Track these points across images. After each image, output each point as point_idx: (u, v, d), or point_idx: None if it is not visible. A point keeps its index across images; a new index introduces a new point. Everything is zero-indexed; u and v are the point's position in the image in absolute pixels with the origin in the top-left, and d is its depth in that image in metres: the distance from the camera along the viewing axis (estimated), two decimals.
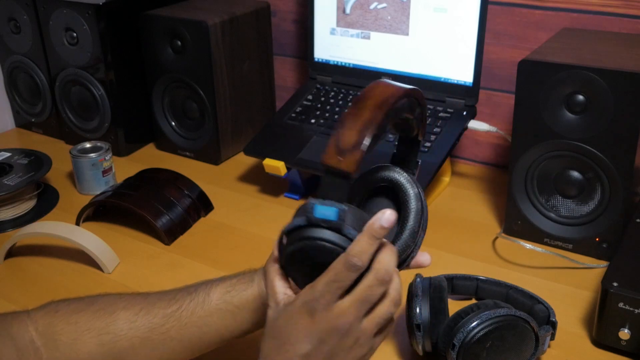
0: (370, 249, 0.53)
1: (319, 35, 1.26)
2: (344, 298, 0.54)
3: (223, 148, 1.31)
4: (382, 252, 0.55)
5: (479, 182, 1.22)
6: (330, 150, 0.55)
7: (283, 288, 0.58)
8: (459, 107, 1.13)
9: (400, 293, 0.57)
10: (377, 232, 0.53)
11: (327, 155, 0.55)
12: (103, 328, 0.66)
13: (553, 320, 0.76)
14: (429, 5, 1.12)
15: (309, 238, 0.55)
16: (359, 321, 0.55)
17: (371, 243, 0.53)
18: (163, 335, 0.67)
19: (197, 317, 0.67)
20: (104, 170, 1.19)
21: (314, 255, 0.55)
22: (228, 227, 1.09)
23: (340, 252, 0.54)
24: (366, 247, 0.53)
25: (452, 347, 0.70)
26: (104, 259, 0.97)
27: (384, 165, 0.67)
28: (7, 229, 1.10)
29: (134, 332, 0.66)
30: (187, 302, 0.68)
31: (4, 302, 0.91)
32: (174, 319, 0.67)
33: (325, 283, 0.54)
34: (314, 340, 0.55)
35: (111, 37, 1.27)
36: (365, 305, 0.55)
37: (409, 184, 0.65)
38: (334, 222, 0.54)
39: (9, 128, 1.53)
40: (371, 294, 0.54)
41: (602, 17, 1.09)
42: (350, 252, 0.53)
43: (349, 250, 0.53)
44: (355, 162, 0.54)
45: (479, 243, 1.02)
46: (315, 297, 0.54)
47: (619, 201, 0.91)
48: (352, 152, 0.54)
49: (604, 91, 0.87)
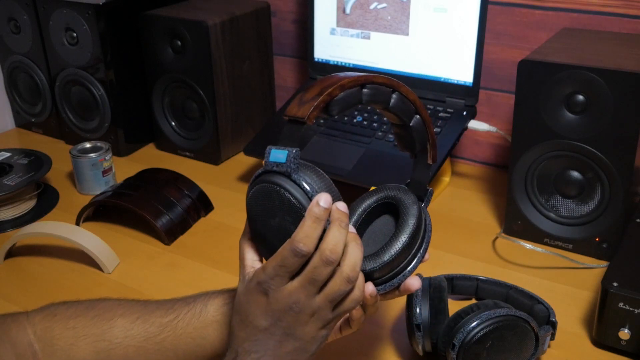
0: (314, 233, 0.54)
1: (319, 35, 1.26)
2: (293, 279, 0.56)
3: (223, 148, 1.31)
4: (329, 231, 0.55)
5: (479, 182, 1.22)
6: (293, 103, 0.58)
7: (251, 261, 0.60)
8: (459, 107, 1.13)
9: (355, 269, 0.57)
10: (318, 214, 0.54)
11: (289, 108, 0.58)
12: (99, 335, 0.66)
13: (553, 320, 0.76)
14: (429, 5, 1.12)
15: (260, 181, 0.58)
16: (311, 298, 0.56)
17: (314, 227, 0.54)
18: (158, 345, 0.66)
19: (193, 328, 0.67)
20: (104, 170, 1.19)
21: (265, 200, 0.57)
22: (228, 227, 1.09)
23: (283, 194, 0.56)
24: (310, 231, 0.54)
25: (452, 347, 0.70)
26: (104, 259, 0.97)
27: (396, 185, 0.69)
28: (7, 229, 1.10)
29: (129, 341, 0.66)
30: (184, 312, 0.68)
31: (4, 302, 0.91)
32: (170, 329, 0.67)
33: (273, 267, 0.55)
34: (270, 317, 0.57)
35: (111, 37, 1.27)
36: (315, 285, 0.56)
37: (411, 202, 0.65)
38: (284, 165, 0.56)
39: (9, 128, 1.53)
40: (318, 274, 0.55)
41: (602, 17, 1.09)
42: (295, 237, 0.54)
43: (293, 236, 0.54)
44: (309, 109, 0.56)
45: (479, 243, 1.02)
46: (266, 279, 0.56)
47: (619, 201, 0.91)
48: (309, 102, 0.57)
49: (604, 91, 0.87)
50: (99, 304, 0.70)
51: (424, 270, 0.80)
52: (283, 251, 0.55)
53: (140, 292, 0.93)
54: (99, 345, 0.66)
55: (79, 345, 0.65)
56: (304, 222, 0.54)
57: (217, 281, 0.95)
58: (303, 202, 0.56)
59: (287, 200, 0.56)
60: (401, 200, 0.66)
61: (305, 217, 0.54)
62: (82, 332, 0.66)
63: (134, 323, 0.67)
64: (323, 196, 0.55)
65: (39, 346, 0.65)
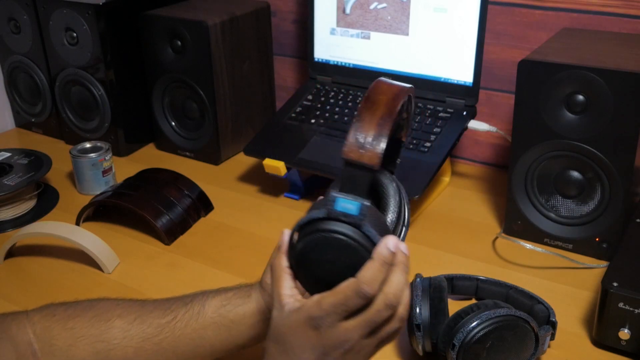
0: (381, 276, 0.53)
1: (319, 35, 1.26)
2: (349, 319, 0.54)
3: (223, 148, 1.31)
4: (393, 274, 0.54)
5: (479, 182, 1.22)
6: (350, 143, 0.54)
7: (289, 290, 0.57)
8: (459, 107, 1.13)
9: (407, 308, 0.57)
10: (387, 258, 0.53)
11: (348, 149, 0.54)
12: (98, 336, 0.66)
13: (553, 320, 0.76)
14: (429, 5, 1.12)
15: (327, 231, 0.53)
16: (364, 338, 0.55)
17: (382, 270, 0.53)
18: (156, 345, 0.66)
19: (192, 329, 0.67)
20: (104, 170, 1.19)
21: (330, 250, 0.54)
22: (228, 227, 1.09)
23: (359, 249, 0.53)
24: (377, 274, 0.53)
25: (452, 347, 0.70)
26: (104, 259, 0.97)
27: None
28: (7, 229, 1.10)
29: (128, 342, 0.66)
30: (182, 313, 0.67)
31: (4, 302, 0.91)
32: (168, 330, 0.67)
33: (333, 305, 0.54)
34: (317, 352, 0.56)
35: (111, 37, 1.27)
36: (371, 327, 0.55)
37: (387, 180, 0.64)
38: (355, 217, 0.53)
39: (9, 128, 1.53)
40: (379, 317, 0.55)
41: (602, 17, 1.09)
42: (362, 279, 0.53)
43: (360, 277, 0.53)
44: (377, 155, 0.54)
45: (479, 243, 1.02)
46: (321, 315, 0.54)
47: (619, 201, 0.91)
48: (373, 145, 0.54)
49: (604, 91, 0.87)
50: (97, 304, 0.69)
51: (424, 270, 0.80)
52: (346, 290, 0.53)
53: (140, 292, 0.93)
54: (97, 346, 0.65)
55: (77, 345, 0.65)
56: (372, 265, 0.53)
57: (217, 281, 0.95)
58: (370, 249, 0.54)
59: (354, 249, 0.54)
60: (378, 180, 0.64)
61: (373, 260, 0.53)
62: (80, 333, 0.66)
63: (132, 324, 0.67)
64: (391, 240, 0.54)
65: (38, 346, 0.65)
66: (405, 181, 0.69)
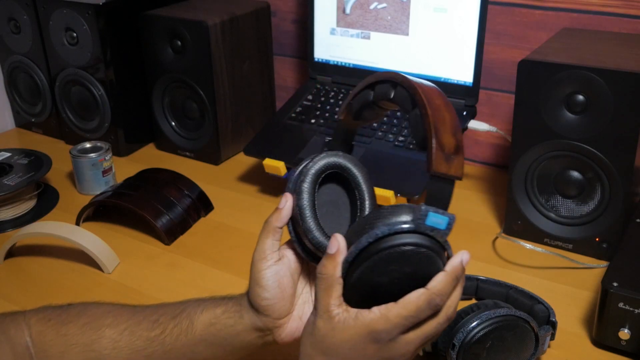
0: (450, 289, 0.54)
1: (319, 35, 1.26)
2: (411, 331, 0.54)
3: (223, 148, 1.31)
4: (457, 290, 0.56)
5: (479, 182, 1.22)
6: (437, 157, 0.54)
7: (338, 299, 0.56)
8: (459, 107, 1.13)
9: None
10: (460, 273, 0.54)
11: (436, 163, 0.54)
12: (88, 345, 0.65)
13: (553, 320, 0.76)
14: (429, 5, 1.12)
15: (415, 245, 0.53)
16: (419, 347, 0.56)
17: (453, 285, 0.54)
18: (147, 358, 0.65)
19: (181, 344, 0.65)
20: (104, 170, 1.19)
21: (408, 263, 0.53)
22: (228, 227, 1.09)
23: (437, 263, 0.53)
24: (449, 288, 0.54)
25: (452, 347, 0.70)
26: (104, 259, 0.97)
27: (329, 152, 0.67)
28: (7, 229, 1.10)
29: (118, 353, 0.65)
30: (171, 327, 0.65)
31: (4, 302, 0.91)
32: (157, 344, 0.65)
33: (404, 317, 0.53)
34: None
35: (111, 37, 1.27)
36: (430, 338, 0.56)
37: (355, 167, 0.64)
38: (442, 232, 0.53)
39: (9, 128, 1.53)
40: (439, 330, 0.55)
41: (602, 17, 1.09)
42: (434, 290, 0.53)
43: (432, 289, 0.53)
44: (461, 165, 0.55)
45: (479, 243, 1.02)
46: (387, 329, 0.53)
47: (619, 201, 0.91)
48: (456, 156, 0.55)
49: (604, 91, 0.87)
50: (89, 309, 0.68)
51: None
52: (418, 302, 0.53)
53: (140, 292, 0.93)
54: (88, 355, 0.65)
55: (69, 353, 0.64)
56: (445, 278, 0.54)
57: (217, 281, 0.95)
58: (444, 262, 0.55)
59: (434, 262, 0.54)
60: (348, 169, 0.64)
61: (447, 273, 0.54)
62: (72, 341, 0.65)
63: (122, 334, 0.65)
64: (466, 255, 0.55)
65: (34, 350, 0.65)
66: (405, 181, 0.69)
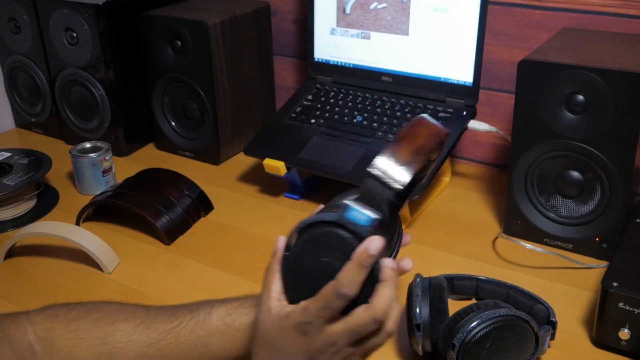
0: (359, 277, 0.54)
1: (319, 35, 1.26)
2: (336, 323, 0.56)
3: (223, 148, 1.31)
4: (383, 290, 0.56)
5: (479, 182, 1.22)
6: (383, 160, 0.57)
7: (277, 294, 0.59)
8: (459, 107, 1.13)
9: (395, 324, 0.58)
10: (365, 260, 0.54)
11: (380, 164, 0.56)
12: (101, 338, 0.66)
13: (553, 320, 0.76)
14: (429, 5, 1.12)
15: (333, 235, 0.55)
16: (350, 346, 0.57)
17: (360, 272, 0.54)
18: (160, 351, 0.66)
19: (196, 336, 0.66)
20: (104, 170, 1.19)
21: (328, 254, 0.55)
22: (228, 227, 1.09)
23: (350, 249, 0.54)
24: (355, 276, 0.54)
25: (452, 347, 0.70)
26: (104, 259, 0.97)
27: None
28: (7, 229, 1.10)
29: (131, 346, 0.66)
30: (188, 319, 0.67)
31: (4, 302, 0.91)
32: (172, 336, 0.66)
33: (317, 309, 0.56)
34: (306, 356, 0.57)
35: (111, 37, 1.27)
36: (357, 336, 0.57)
37: None
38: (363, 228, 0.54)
39: (9, 128, 1.53)
40: (364, 329, 0.56)
41: (602, 17, 1.09)
42: (340, 280, 0.54)
43: (339, 280, 0.55)
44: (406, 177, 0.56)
45: (479, 243, 1.02)
46: (307, 320, 0.56)
47: (619, 201, 0.91)
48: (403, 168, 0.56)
49: (604, 91, 0.87)
50: (101, 307, 0.69)
51: (424, 270, 0.80)
52: (327, 294, 0.55)
53: (140, 292, 0.93)
54: (100, 348, 0.65)
55: (80, 347, 0.65)
56: (350, 267, 0.54)
57: (217, 281, 0.95)
58: None
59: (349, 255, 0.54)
60: None
61: (352, 262, 0.54)
62: (83, 335, 0.65)
63: (137, 328, 0.66)
64: (373, 243, 0.54)
65: (39, 347, 0.65)
66: None
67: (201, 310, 0.68)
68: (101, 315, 0.67)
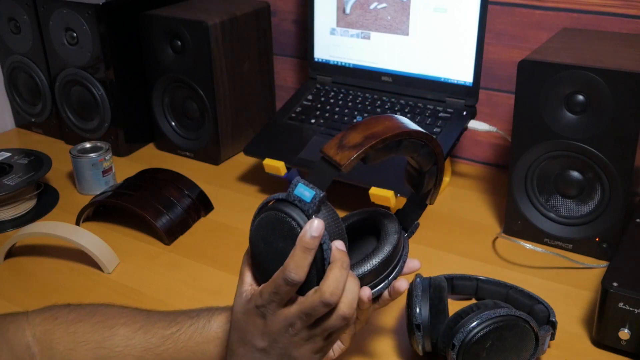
0: (304, 261, 0.55)
1: (319, 35, 1.26)
2: (291, 306, 0.57)
3: (223, 148, 1.31)
4: (330, 272, 0.57)
5: (479, 182, 1.22)
6: (332, 142, 0.59)
7: (250, 279, 0.62)
8: (459, 107, 1.13)
9: (352, 307, 0.58)
10: (308, 243, 0.55)
11: (328, 146, 0.59)
12: (100, 342, 0.66)
13: (553, 320, 0.76)
14: (429, 5, 1.12)
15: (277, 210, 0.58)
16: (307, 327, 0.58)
17: (304, 256, 0.55)
18: (158, 356, 0.66)
19: (194, 342, 0.67)
20: (104, 170, 1.19)
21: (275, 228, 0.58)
22: (228, 227, 1.09)
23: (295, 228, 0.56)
24: (301, 260, 0.55)
25: (452, 347, 0.70)
26: (104, 259, 0.97)
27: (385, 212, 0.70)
28: (7, 229, 1.10)
29: (130, 350, 0.66)
30: (187, 325, 0.68)
31: (4, 302, 0.91)
32: (171, 342, 0.67)
33: (269, 293, 0.57)
34: (267, 339, 0.59)
35: (111, 37, 1.27)
36: (311, 317, 0.58)
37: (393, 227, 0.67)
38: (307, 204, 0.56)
39: (9, 128, 1.53)
40: (316, 312, 0.57)
41: (602, 17, 1.09)
42: (287, 267, 0.56)
43: (285, 265, 0.56)
44: (348, 158, 0.57)
45: (479, 243, 1.02)
46: (263, 303, 0.58)
47: (619, 201, 0.91)
48: (350, 149, 0.58)
49: (604, 91, 0.87)
50: (101, 310, 0.69)
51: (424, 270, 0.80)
52: (277, 279, 0.57)
53: (141, 292, 0.93)
54: (99, 352, 0.65)
55: (78, 350, 0.65)
56: (294, 252, 0.55)
57: (217, 281, 0.95)
58: None
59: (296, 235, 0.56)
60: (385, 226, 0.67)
61: (295, 246, 0.56)
62: (82, 338, 0.65)
63: (136, 333, 0.67)
64: (314, 225, 0.56)
65: (37, 349, 0.65)
66: None
67: (201, 317, 0.68)
68: (101, 319, 0.67)
